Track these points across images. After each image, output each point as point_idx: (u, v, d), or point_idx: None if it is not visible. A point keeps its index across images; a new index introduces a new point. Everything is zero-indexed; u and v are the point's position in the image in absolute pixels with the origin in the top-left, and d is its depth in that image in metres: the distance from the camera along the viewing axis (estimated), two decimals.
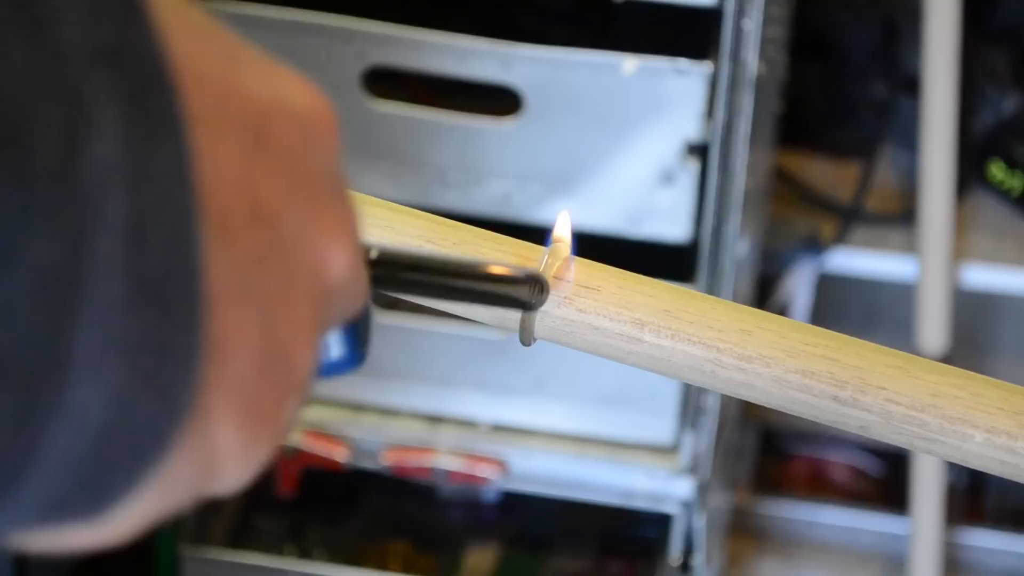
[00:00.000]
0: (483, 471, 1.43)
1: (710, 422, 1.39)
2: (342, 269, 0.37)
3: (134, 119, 0.31)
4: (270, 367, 0.35)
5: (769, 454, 1.87)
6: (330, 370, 0.43)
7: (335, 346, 0.43)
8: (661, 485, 1.42)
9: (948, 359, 1.60)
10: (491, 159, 1.32)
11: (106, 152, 0.30)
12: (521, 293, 0.53)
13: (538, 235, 0.58)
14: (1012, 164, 1.69)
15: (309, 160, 0.36)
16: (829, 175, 1.73)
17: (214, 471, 0.34)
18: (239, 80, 0.34)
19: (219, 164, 0.33)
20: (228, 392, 0.34)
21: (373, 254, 0.45)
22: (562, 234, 0.57)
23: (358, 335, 0.43)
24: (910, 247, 1.63)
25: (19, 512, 0.31)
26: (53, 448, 0.30)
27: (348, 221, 0.38)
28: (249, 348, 0.34)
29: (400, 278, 0.47)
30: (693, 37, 1.30)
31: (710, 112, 1.27)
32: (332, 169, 0.37)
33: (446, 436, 1.43)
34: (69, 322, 0.30)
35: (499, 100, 1.32)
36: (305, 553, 1.54)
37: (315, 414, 1.43)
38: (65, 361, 0.30)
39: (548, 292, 0.55)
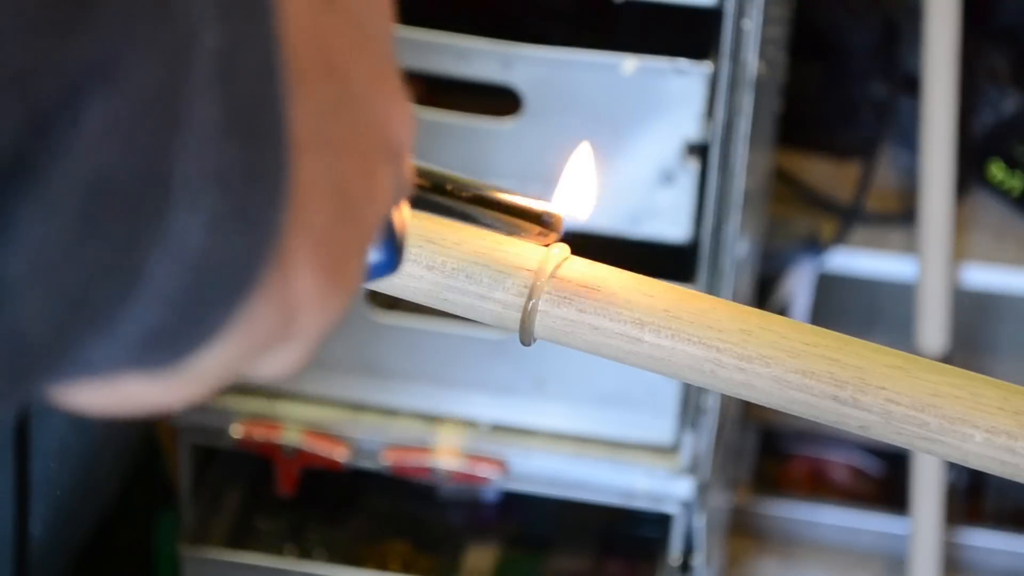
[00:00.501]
0: (483, 471, 1.43)
1: (710, 422, 1.39)
2: (402, 133, 0.40)
3: None
4: (344, 216, 0.36)
5: (769, 454, 1.87)
6: (372, 273, 0.44)
7: (374, 250, 0.44)
8: (661, 485, 1.42)
9: (948, 359, 1.60)
10: (491, 159, 1.32)
11: None
12: (536, 226, 0.55)
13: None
14: (1012, 164, 1.69)
15: (372, 24, 0.38)
16: (829, 175, 1.73)
17: (293, 319, 0.35)
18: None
19: (295, 16, 0.34)
20: (307, 238, 0.34)
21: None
22: (581, 167, 0.59)
23: (394, 239, 0.45)
24: (910, 247, 1.63)
25: (115, 345, 0.31)
26: (153, 277, 0.31)
27: (402, 91, 0.40)
28: (326, 196, 0.35)
29: (428, 194, 0.50)
30: (693, 37, 1.30)
31: (710, 112, 1.27)
32: (390, 36, 0.39)
33: (446, 436, 1.43)
34: (169, 146, 0.30)
35: (499, 100, 1.32)
36: (305, 553, 1.54)
37: (315, 414, 1.43)
38: (166, 186, 0.30)
39: (561, 227, 0.56)
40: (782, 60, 1.56)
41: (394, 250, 0.45)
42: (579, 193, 0.58)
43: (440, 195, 0.50)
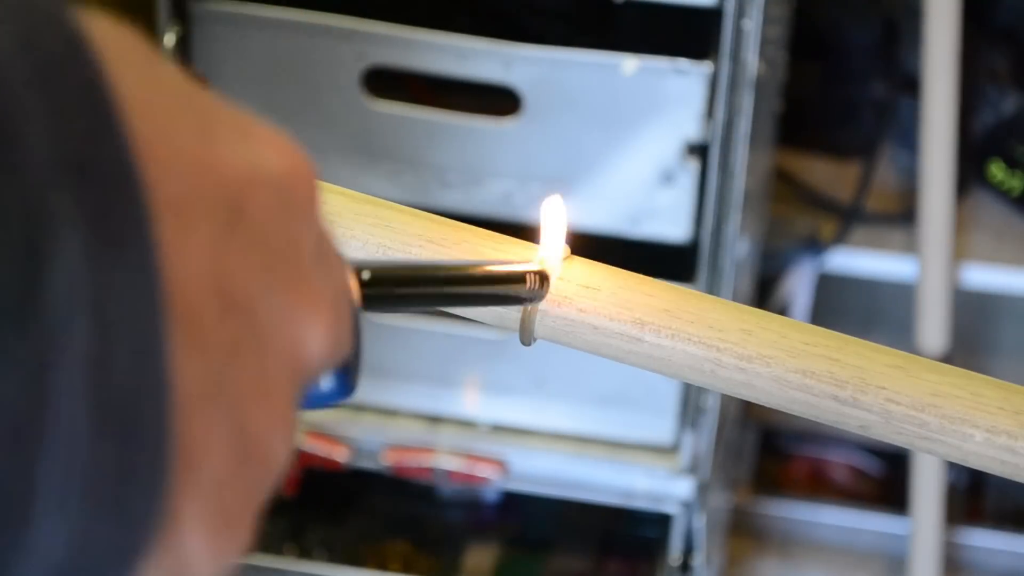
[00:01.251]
0: (483, 471, 1.43)
1: (710, 422, 1.39)
2: (321, 344, 0.36)
3: (98, 236, 0.29)
4: (243, 466, 0.33)
5: (769, 454, 1.87)
6: (318, 402, 0.41)
7: (324, 378, 0.41)
8: (661, 485, 1.42)
9: (948, 359, 1.60)
10: (491, 159, 1.32)
11: (67, 279, 0.28)
12: (521, 290, 0.53)
13: (539, 235, 0.58)
14: (1012, 164, 1.69)
15: (287, 230, 0.34)
16: (829, 175, 1.73)
17: None
18: (212, 153, 0.33)
19: (189, 258, 0.31)
20: (199, 500, 0.32)
21: (365, 276, 0.44)
22: (554, 223, 0.57)
23: (348, 367, 0.42)
24: (910, 247, 1.63)
25: None
26: None
27: (328, 288, 0.36)
28: (221, 451, 0.32)
29: (397, 295, 0.46)
30: (693, 37, 1.30)
31: (710, 112, 1.27)
32: (312, 232, 0.36)
33: (446, 436, 1.43)
34: (32, 458, 0.28)
35: (499, 100, 1.32)
36: (305, 553, 1.54)
37: (315, 414, 1.43)
38: (29, 498, 0.28)
39: (549, 283, 0.55)
40: (782, 60, 1.56)
41: (346, 376, 0.42)
42: (557, 243, 0.56)
43: (413, 287, 0.47)
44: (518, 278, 0.53)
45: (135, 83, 0.31)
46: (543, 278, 0.54)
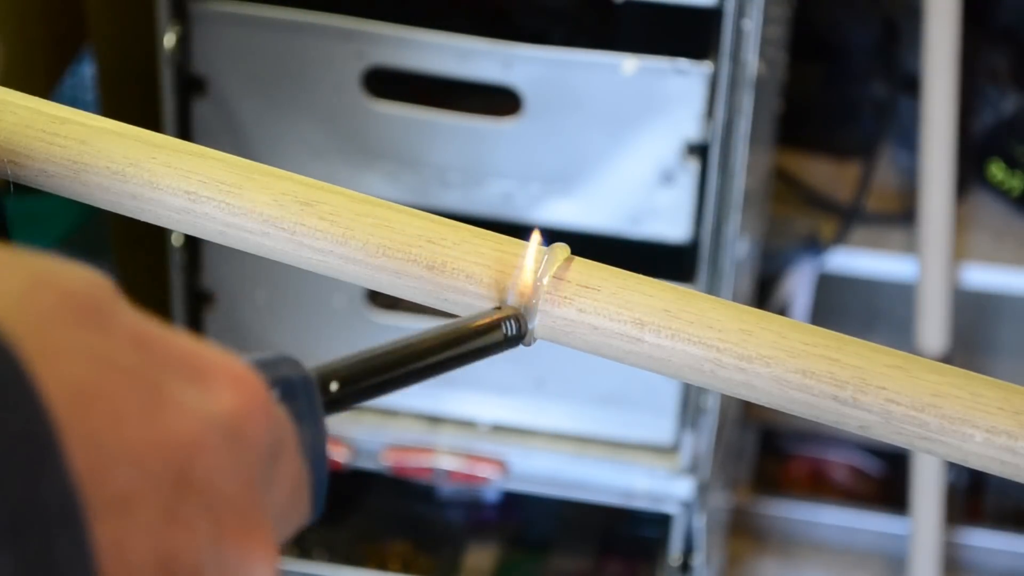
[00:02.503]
0: (483, 471, 1.43)
1: (710, 422, 1.39)
2: (271, 568, 0.37)
3: None
4: None
5: (769, 454, 1.87)
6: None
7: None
8: (661, 485, 1.42)
9: (948, 359, 1.60)
10: (491, 159, 1.32)
11: None
12: (498, 337, 0.53)
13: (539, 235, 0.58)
14: (1012, 164, 1.69)
15: (236, 476, 0.35)
16: (829, 175, 1.73)
17: None
18: (158, 424, 0.33)
19: (134, 550, 0.32)
20: None
21: (334, 386, 0.44)
22: (531, 262, 0.57)
23: (314, 491, 0.42)
24: (910, 247, 1.63)
25: None
26: None
27: (268, 522, 0.37)
28: None
29: (370, 387, 0.46)
30: (693, 37, 1.30)
31: (710, 112, 1.27)
32: (259, 463, 0.37)
33: (446, 436, 1.43)
34: None
35: (499, 100, 1.32)
36: (305, 553, 1.54)
37: None
38: None
39: (527, 322, 0.55)
40: (782, 60, 1.56)
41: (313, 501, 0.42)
42: (534, 283, 0.56)
43: (389, 372, 0.47)
44: (492, 327, 0.54)
45: (73, 377, 0.32)
46: (517, 320, 0.54)
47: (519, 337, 0.54)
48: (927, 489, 1.65)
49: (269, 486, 0.37)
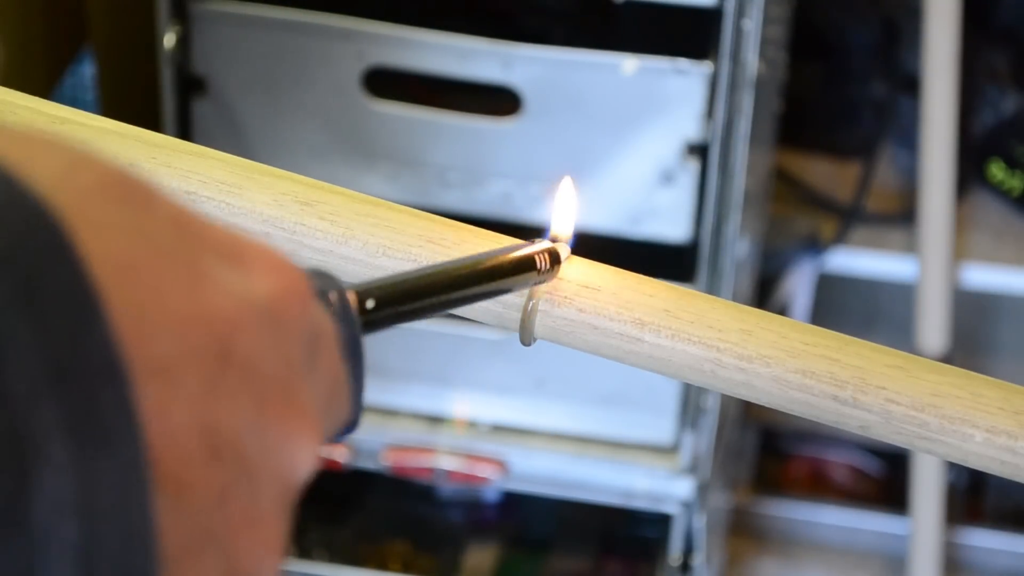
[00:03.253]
0: (483, 471, 1.43)
1: (710, 422, 1.39)
2: (312, 457, 0.37)
3: (82, 439, 0.30)
4: None
5: (769, 454, 1.87)
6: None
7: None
8: (661, 485, 1.42)
9: (948, 359, 1.60)
10: (491, 159, 1.32)
11: (53, 489, 0.30)
12: (532, 275, 0.53)
13: (538, 235, 0.58)
14: (1012, 164, 1.69)
15: (277, 355, 0.36)
16: (829, 175, 1.73)
17: None
18: (198, 300, 0.34)
19: (176, 417, 0.33)
20: None
21: (370, 304, 0.44)
22: (565, 205, 0.57)
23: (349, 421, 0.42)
24: (910, 247, 1.63)
25: None
26: None
27: (311, 405, 0.37)
28: None
29: (405, 311, 0.46)
30: (693, 37, 1.30)
31: (710, 112, 1.27)
32: (303, 342, 0.37)
33: (446, 436, 1.43)
34: None
35: (499, 100, 1.32)
36: (305, 553, 1.54)
37: None
38: None
39: (560, 263, 0.55)
40: (782, 60, 1.56)
41: (348, 427, 0.42)
42: (566, 223, 0.57)
43: (422, 299, 0.47)
44: (528, 263, 0.54)
45: (115, 250, 0.33)
46: (553, 257, 0.55)
47: (552, 271, 0.55)
48: (927, 489, 1.65)
49: (310, 375, 0.37)
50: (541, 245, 0.55)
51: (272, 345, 0.36)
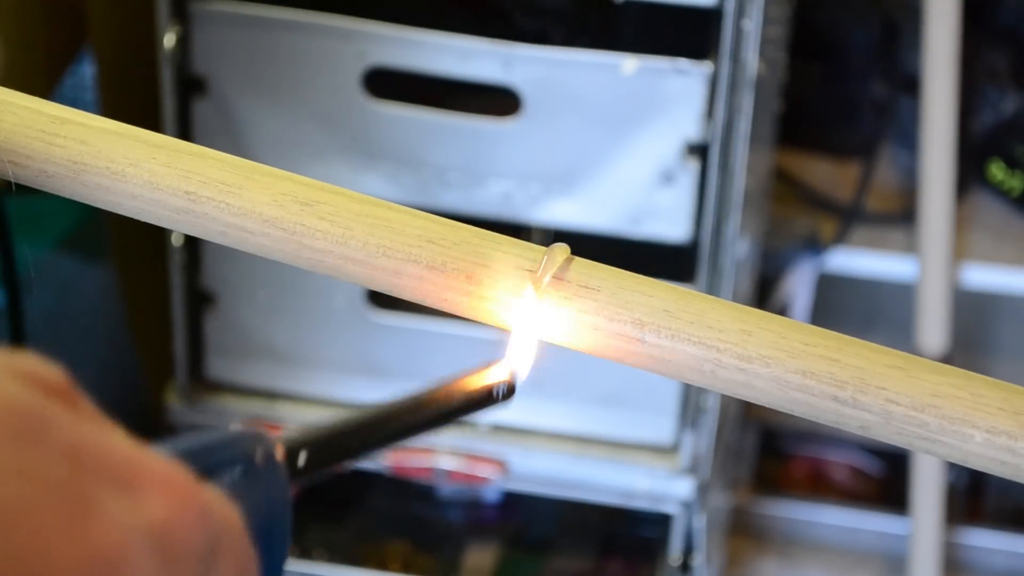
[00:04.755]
0: (483, 471, 1.43)
1: (710, 422, 1.39)
2: None
3: None
4: None
5: (769, 454, 1.87)
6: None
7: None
8: (661, 485, 1.42)
9: (948, 359, 1.60)
10: (491, 159, 1.32)
11: None
12: (487, 400, 0.53)
13: (539, 235, 0.58)
14: (1012, 164, 1.69)
15: None
16: (829, 175, 1.73)
17: None
18: (84, 539, 0.34)
19: None
20: None
21: (301, 459, 0.44)
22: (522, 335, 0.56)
23: (273, 562, 0.42)
24: (910, 247, 1.63)
25: None
26: None
27: None
28: None
29: (347, 453, 0.46)
30: (693, 37, 1.30)
31: (710, 112, 1.27)
32: (191, 566, 0.37)
33: (446, 436, 1.43)
34: None
35: (499, 100, 1.32)
36: (305, 553, 1.54)
37: (315, 414, 1.43)
38: None
39: (515, 386, 0.55)
40: (782, 60, 1.56)
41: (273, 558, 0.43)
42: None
43: (350, 444, 0.47)
44: (483, 396, 0.53)
45: (0, 501, 0.33)
46: (508, 386, 0.54)
47: (509, 395, 0.54)
48: (927, 489, 1.65)
49: None
50: (499, 377, 0.54)
51: (158, 571, 0.36)
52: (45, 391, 0.36)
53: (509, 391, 0.54)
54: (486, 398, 0.53)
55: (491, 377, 0.54)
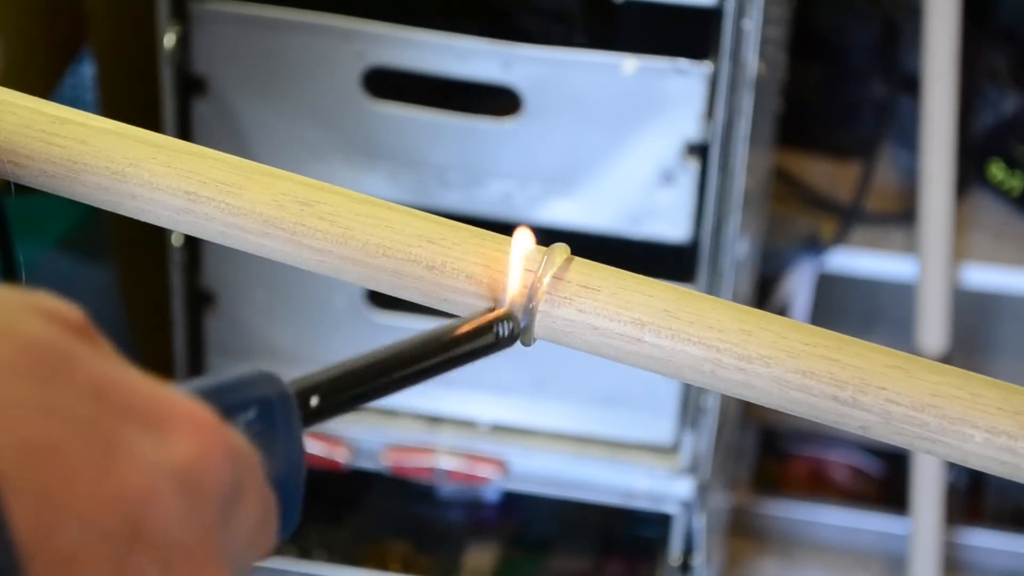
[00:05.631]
0: (483, 471, 1.43)
1: (710, 422, 1.39)
2: None
3: None
4: None
5: (769, 454, 1.87)
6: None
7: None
8: (661, 485, 1.42)
9: (948, 359, 1.60)
10: (491, 159, 1.32)
11: None
12: (490, 339, 0.53)
13: (539, 235, 0.58)
14: (1012, 164, 1.69)
15: (189, 524, 0.36)
16: (829, 175, 1.73)
17: None
18: (110, 477, 0.34)
19: None
20: None
21: (314, 401, 0.44)
22: (519, 260, 0.57)
23: (287, 508, 0.42)
24: (910, 247, 1.63)
25: None
26: None
27: (223, 562, 0.37)
28: None
29: (353, 396, 0.46)
30: (693, 37, 1.30)
31: (710, 112, 1.27)
32: (216, 507, 0.37)
33: (446, 436, 1.43)
34: None
35: (499, 100, 1.32)
36: (305, 553, 1.54)
37: None
38: None
39: (519, 324, 0.55)
40: (782, 60, 1.56)
41: (287, 514, 0.42)
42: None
43: (360, 388, 0.47)
44: (484, 330, 0.54)
45: (24, 433, 0.33)
46: (510, 321, 0.54)
47: (512, 338, 0.54)
48: (927, 489, 1.65)
49: (228, 525, 0.38)
50: (498, 313, 0.55)
51: (186, 511, 0.36)
52: (66, 329, 0.36)
53: (512, 333, 0.54)
54: (491, 340, 0.53)
55: (494, 317, 0.54)
